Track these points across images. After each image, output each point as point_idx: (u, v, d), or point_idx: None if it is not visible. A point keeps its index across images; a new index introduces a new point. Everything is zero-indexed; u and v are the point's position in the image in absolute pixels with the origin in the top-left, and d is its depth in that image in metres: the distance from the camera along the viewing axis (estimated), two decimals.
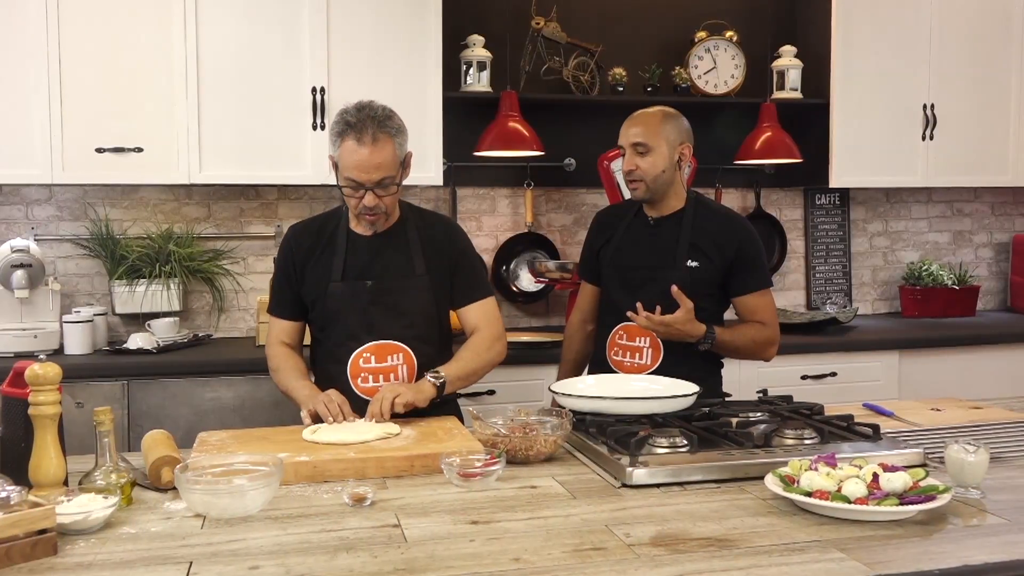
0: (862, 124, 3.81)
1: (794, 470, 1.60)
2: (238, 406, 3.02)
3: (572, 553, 1.34)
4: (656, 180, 2.41)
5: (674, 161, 2.42)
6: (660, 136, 2.40)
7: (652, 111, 2.46)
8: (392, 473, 1.78)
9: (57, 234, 3.48)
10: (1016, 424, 2.13)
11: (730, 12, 3.94)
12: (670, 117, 2.44)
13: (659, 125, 2.41)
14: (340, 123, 2.11)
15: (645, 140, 2.39)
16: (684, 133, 2.45)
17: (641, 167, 2.40)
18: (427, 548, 1.37)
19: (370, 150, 2.08)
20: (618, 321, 2.47)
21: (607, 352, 2.51)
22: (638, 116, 2.46)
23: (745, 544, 1.37)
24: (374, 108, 2.12)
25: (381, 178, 2.11)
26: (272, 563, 1.32)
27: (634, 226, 2.53)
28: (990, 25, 3.92)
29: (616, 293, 2.49)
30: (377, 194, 2.13)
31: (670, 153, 2.41)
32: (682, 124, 2.45)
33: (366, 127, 2.08)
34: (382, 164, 2.10)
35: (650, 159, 2.39)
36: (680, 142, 2.43)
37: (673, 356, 2.40)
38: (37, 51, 3.07)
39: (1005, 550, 1.33)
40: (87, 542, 1.43)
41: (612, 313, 2.51)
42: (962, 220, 4.43)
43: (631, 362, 2.45)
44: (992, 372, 3.64)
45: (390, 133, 2.11)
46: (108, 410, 1.65)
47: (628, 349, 2.46)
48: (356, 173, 2.10)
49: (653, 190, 2.42)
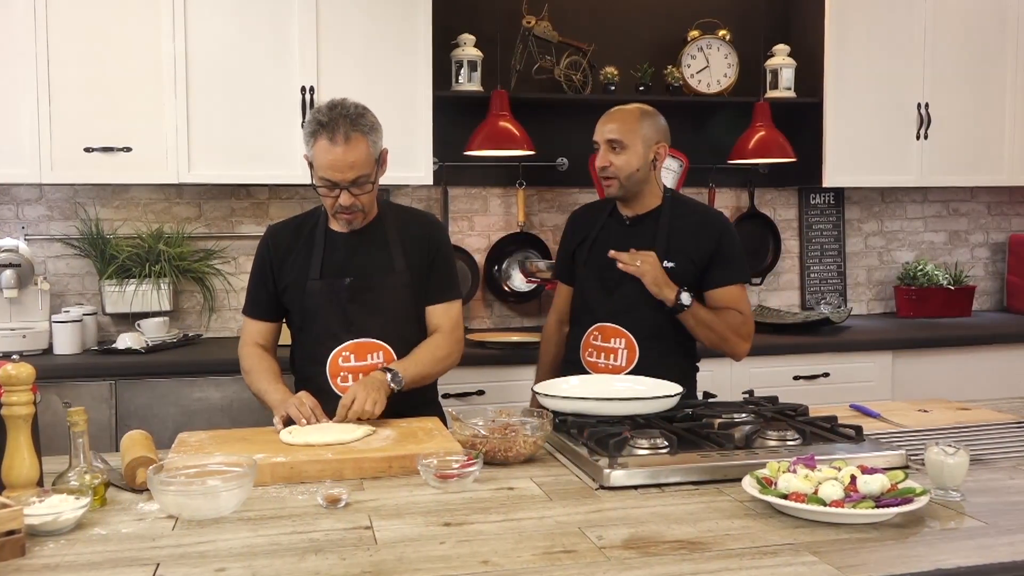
0: (856, 123, 3.79)
1: (772, 472, 1.59)
2: (226, 406, 3.02)
3: (542, 555, 1.33)
4: (630, 178, 2.38)
5: (649, 160, 2.39)
6: (636, 134, 2.37)
7: (629, 108, 2.43)
8: (370, 474, 1.77)
9: (48, 234, 3.48)
10: (1001, 426, 2.11)
11: (723, 11, 3.92)
12: (647, 115, 2.41)
13: (635, 123, 2.38)
14: (312, 123, 2.09)
15: (620, 137, 2.37)
16: (661, 131, 2.42)
17: (615, 164, 2.37)
18: (396, 550, 1.36)
19: (343, 149, 2.06)
20: (593, 322, 2.45)
21: (581, 353, 2.48)
22: (614, 112, 2.43)
23: (717, 547, 1.36)
24: (346, 106, 2.10)
25: (356, 177, 2.09)
26: (239, 565, 1.31)
27: (609, 226, 2.50)
28: (985, 23, 3.89)
29: (591, 294, 2.47)
30: (352, 193, 2.11)
31: (645, 151, 2.38)
32: (659, 122, 2.42)
33: (338, 126, 2.05)
34: (356, 163, 2.08)
35: (624, 157, 2.37)
36: (656, 141, 2.40)
37: (648, 357, 2.38)
38: (25, 50, 3.06)
39: (980, 553, 1.32)
40: (57, 543, 1.42)
41: (586, 313, 2.48)
42: (958, 220, 4.41)
43: (605, 363, 2.42)
44: (986, 373, 3.62)
45: (363, 131, 2.09)
46: (82, 410, 1.64)
47: (603, 350, 2.43)
48: (330, 173, 2.08)
49: (626, 188, 2.40)
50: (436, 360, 2.24)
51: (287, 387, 2.19)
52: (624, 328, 2.40)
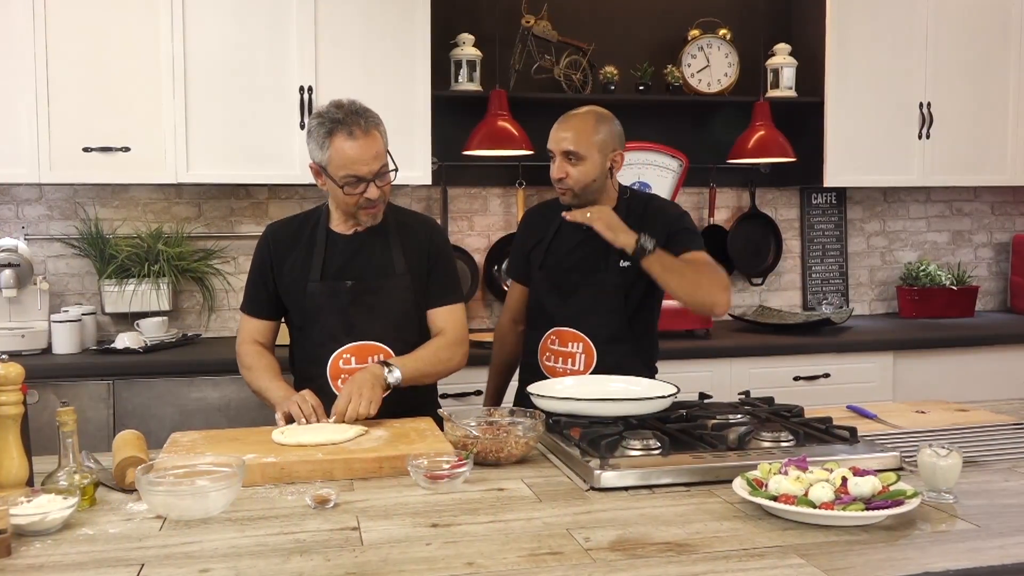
0: (857, 123, 3.77)
1: (763, 473, 1.58)
2: (223, 406, 3.02)
3: (527, 557, 1.32)
4: (585, 188, 2.34)
5: (606, 169, 2.35)
6: (592, 144, 2.31)
7: (583, 113, 2.36)
8: (360, 475, 1.76)
9: (48, 233, 3.48)
10: (997, 427, 2.10)
11: (724, 10, 3.91)
12: (604, 122, 2.35)
13: (591, 132, 2.32)
14: (326, 123, 2.09)
15: (576, 149, 2.31)
16: (617, 139, 2.37)
17: (571, 175, 2.32)
18: (382, 552, 1.35)
19: (365, 141, 2.08)
20: (548, 326, 2.43)
21: (539, 357, 2.46)
22: (569, 120, 2.36)
23: (704, 549, 1.35)
24: (354, 103, 2.13)
25: (380, 167, 2.12)
26: (223, 566, 1.31)
27: (565, 228, 2.45)
28: (987, 21, 3.87)
29: (547, 297, 2.44)
30: (378, 184, 2.12)
31: (602, 161, 2.33)
32: (615, 129, 2.37)
33: (356, 121, 2.08)
34: (379, 153, 2.12)
35: (581, 168, 2.32)
36: (613, 148, 2.35)
37: (606, 362, 2.36)
38: (24, 50, 3.07)
39: (969, 557, 1.31)
40: (43, 543, 1.42)
41: (542, 317, 2.46)
42: (961, 220, 4.38)
43: (564, 367, 2.40)
44: (988, 373, 3.60)
45: (376, 123, 2.13)
46: (71, 410, 1.64)
47: (560, 355, 2.41)
48: (356, 167, 2.09)
49: (581, 197, 2.35)
50: (438, 361, 2.23)
51: (288, 385, 2.19)
52: (582, 332, 2.38)
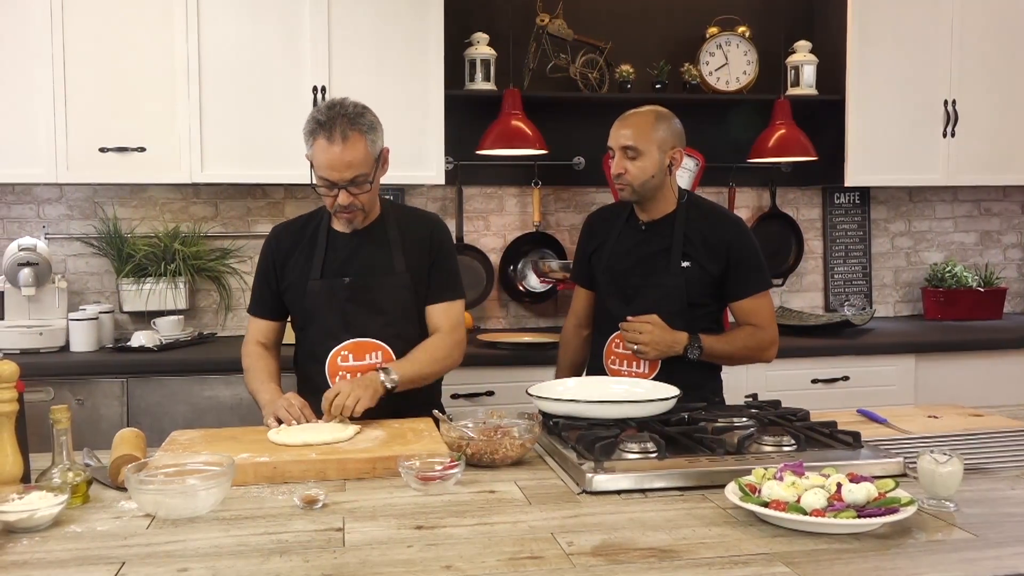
0: (880, 121, 3.70)
1: (757, 478, 1.54)
2: (235, 404, 3.03)
3: (507, 562, 1.30)
4: (644, 185, 2.34)
5: (665, 165, 2.34)
6: (652, 140, 2.32)
7: (644, 112, 2.37)
8: (353, 475, 1.75)
9: (67, 233, 3.53)
10: (1009, 433, 2.03)
11: (743, 7, 3.86)
12: (663, 119, 2.36)
13: (651, 128, 2.33)
14: (311, 122, 2.09)
15: (635, 144, 2.32)
16: (676, 136, 2.36)
17: (630, 171, 2.33)
18: (362, 554, 1.34)
19: (341, 148, 2.05)
20: (613, 329, 2.41)
21: (604, 361, 2.45)
22: (629, 117, 2.37)
23: (688, 555, 1.32)
24: (345, 106, 2.10)
25: (354, 176, 2.09)
26: (202, 565, 1.30)
27: (625, 232, 2.46)
28: (1013, 16, 3.77)
29: (610, 301, 2.44)
30: (351, 192, 2.10)
31: (661, 158, 2.33)
32: (674, 126, 2.37)
33: (335, 125, 2.05)
34: (354, 162, 2.07)
35: (640, 164, 2.32)
36: (672, 145, 2.35)
37: (671, 362, 2.34)
38: (41, 52, 3.11)
39: (961, 567, 1.26)
40: (31, 540, 1.43)
41: (607, 321, 2.45)
42: (990, 220, 4.28)
43: (629, 370, 2.39)
44: (1014, 377, 3.51)
45: (361, 130, 2.08)
46: (65, 408, 1.65)
47: (625, 358, 2.40)
48: (328, 172, 2.08)
49: (640, 194, 2.36)
50: (434, 360, 2.22)
51: (278, 387, 2.19)
52: None
